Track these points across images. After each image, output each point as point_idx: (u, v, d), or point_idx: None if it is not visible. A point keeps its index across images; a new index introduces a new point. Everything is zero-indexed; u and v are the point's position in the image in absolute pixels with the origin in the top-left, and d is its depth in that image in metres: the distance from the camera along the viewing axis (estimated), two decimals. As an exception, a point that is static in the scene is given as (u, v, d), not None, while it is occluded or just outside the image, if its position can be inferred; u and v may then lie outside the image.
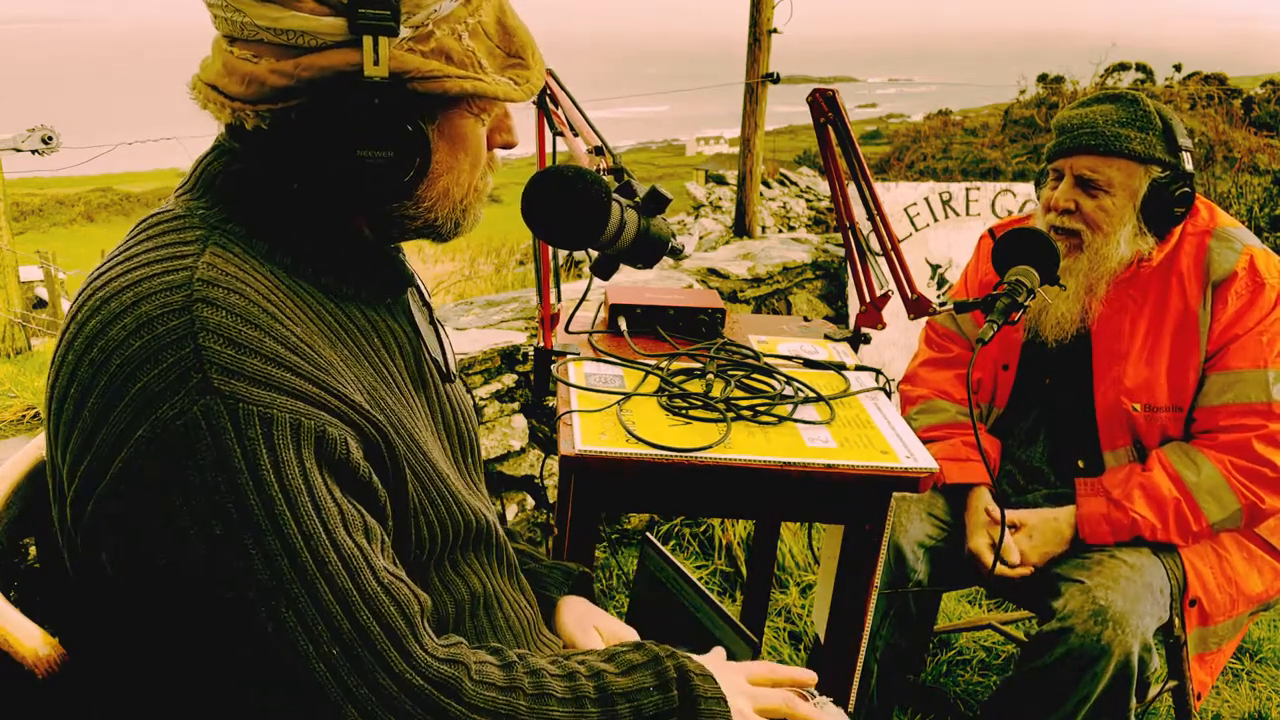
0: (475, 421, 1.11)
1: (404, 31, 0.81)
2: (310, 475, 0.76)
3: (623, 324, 1.72)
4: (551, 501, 2.67)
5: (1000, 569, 1.77)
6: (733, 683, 0.98)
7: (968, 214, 3.83)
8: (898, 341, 3.60)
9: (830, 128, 1.64)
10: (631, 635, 1.16)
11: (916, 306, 1.61)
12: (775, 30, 3.90)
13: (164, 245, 0.81)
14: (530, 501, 2.64)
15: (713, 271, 3.52)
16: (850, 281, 3.25)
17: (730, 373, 1.55)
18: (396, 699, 0.77)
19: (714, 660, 1.03)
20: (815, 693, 1.24)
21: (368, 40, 0.78)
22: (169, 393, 0.72)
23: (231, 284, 0.79)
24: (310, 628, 0.74)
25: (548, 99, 1.50)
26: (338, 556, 0.76)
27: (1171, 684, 1.84)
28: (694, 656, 0.96)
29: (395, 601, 0.79)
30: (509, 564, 1.09)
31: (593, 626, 1.16)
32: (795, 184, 8.39)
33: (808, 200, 8.09)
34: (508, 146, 0.98)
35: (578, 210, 1.14)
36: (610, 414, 1.39)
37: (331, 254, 0.89)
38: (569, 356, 1.60)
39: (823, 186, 8.27)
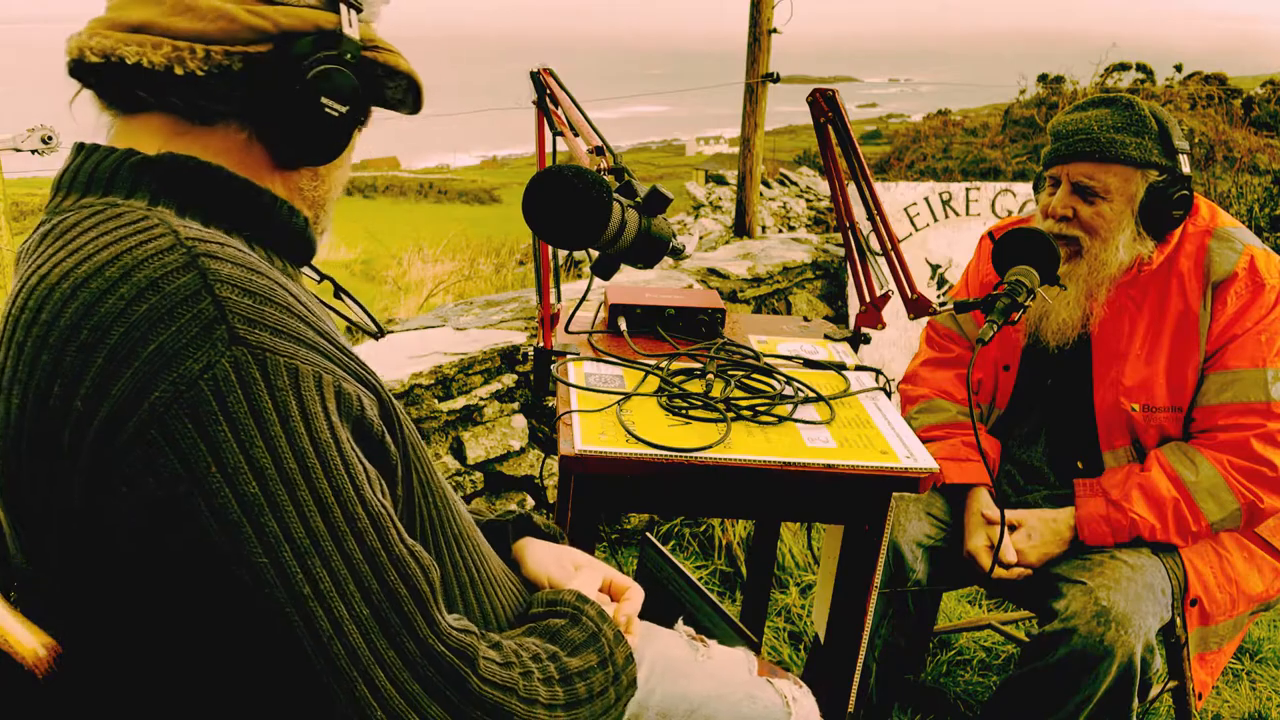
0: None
1: (367, 14, 0.92)
2: (336, 429, 0.75)
3: (623, 324, 1.72)
4: (551, 501, 2.67)
5: (998, 571, 1.77)
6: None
7: (968, 214, 3.83)
8: (897, 341, 3.60)
9: (830, 128, 1.64)
10: (585, 558, 1.17)
11: (916, 306, 1.61)
12: (775, 30, 3.90)
13: (113, 229, 0.76)
14: (530, 501, 2.64)
15: (713, 271, 3.52)
16: (850, 281, 3.25)
17: (730, 373, 1.55)
18: (421, 665, 0.76)
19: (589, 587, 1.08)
20: (802, 683, 1.25)
21: (344, 9, 0.88)
22: (192, 347, 0.69)
23: (219, 238, 0.77)
24: (343, 587, 0.72)
25: (548, 99, 1.50)
26: (366, 514, 0.75)
27: (1172, 684, 1.84)
28: (593, 602, 1.02)
29: (420, 565, 0.78)
30: (479, 539, 1.08)
31: (569, 563, 1.16)
32: (795, 184, 8.39)
33: (808, 200, 8.09)
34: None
35: (578, 210, 1.14)
36: (610, 414, 1.39)
37: (259, 221, 0.89)
38: (569, 356, 1.60)
39: (823, 186, 8.27)
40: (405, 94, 0.98)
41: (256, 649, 0.74)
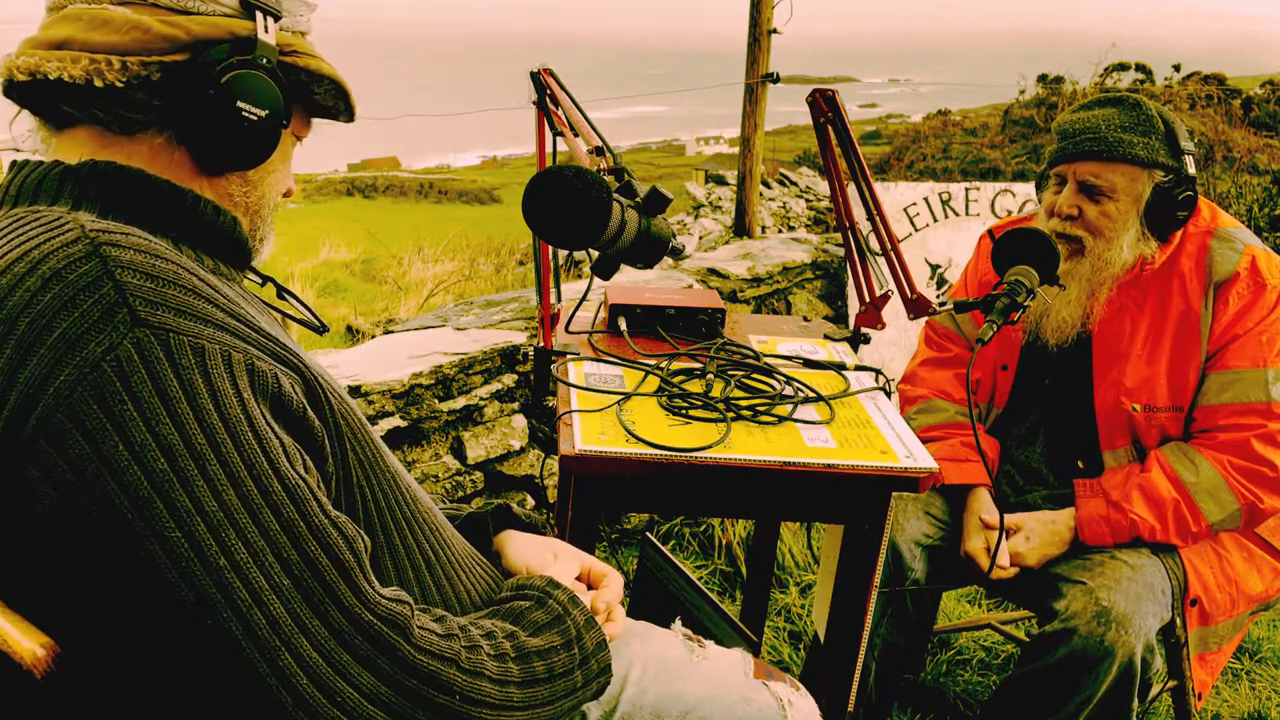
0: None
1: (285, 21, 0.94)
2: (248, 406, 0.76)
3: (623, 324, 1.72)
4: (551, 501, 2.67)
5: (996, 572, 1.77)
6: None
7: (967, 214, 3.83)
8: (897, 341, 3.60)
9: (830, 128, 1.65)
10: (565, 548, 1.17)
11: (916, 306, 1.61)
12: (775, 30, 3.90)
13: (26, 229, 0.79)
14: (530, 501, 2.64)
15: (713, 271, 3.52)
16: (850, 281, 3.25)
17: (730, 373, 1.55)
18: (348, 634, 0.76)
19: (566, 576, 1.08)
20: (799, 685, 1.25)
21: (260, 16, 0.90)
22: (94, 331, 0.71)
23: (124, 229, 0.79)
24: (260, 559, 0.73)
25: (548, 99, 1.50)
26: (282, 487, 0.76)
27: (1171, 684, 1.84)
28: (569, 589, 1.01)
29: (344, 536, 0.79)
30: (441, 524, 1.08)
31: (548, 552, 1.16)
32: (795, 184, 8.39)
33: (807, 200, 8.09)
34: (287, 194, 1.04)
35: (578, 210, 1.14)
36: (610, 414, 1.40)
37: (184, 220, 0.90)
38: (569, 356, 1.60)
39: (822, 186, 8.28)
40: (335, 99, 1.00)
41: (185, 630, 0.74)
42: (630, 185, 1.24)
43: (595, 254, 1.28)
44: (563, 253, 4.54)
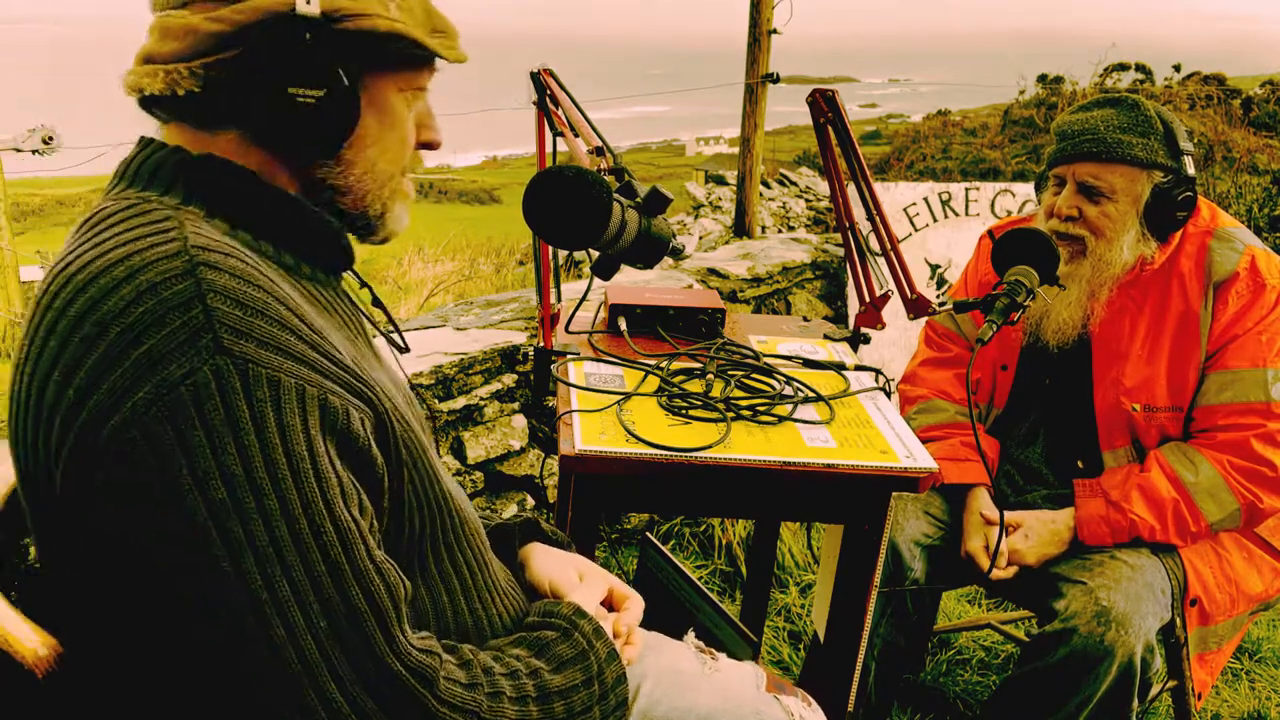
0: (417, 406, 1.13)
1: None
2: (314, 443, 0.76)
3: (623, 324, 1.72)
4: (551, 501, 2.67)
5: (996, 572, 1.77)
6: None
7: (967, 214, 3.83)
8: (897, 341, 3.60)
9: (830, 128, 1.65)
10: (590, 567, 1.17)
11: (916, 306, 1.61)
12: (775, 30, 3.90)
13: (135, 226, 0.80)
14: (530, 501, 2.64)
15: (713, 271, 3.52)
16: (850, 281, 3.25)
17: (730, 373, 1.55)
18: (376, 681, 0.77)
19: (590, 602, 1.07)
20: (811, 700, 1.24)
21: None
22: (177, 353, 0.72)
23: (225, 249, 0.79)
24: (301, 597, 0.74)
25: (548, 99, 1.50)
26: (334, 527, 0.76)
27: (1171, 684, 1.84)
28: (595, 619, 1.01)
29: (386, 583, 0.79)
30: (483, 544, 1.08)
31: (574, 570, 1.15)
32: (795, 184, 8.39)
33: (807, 200, 8.09)
34: (431, 146, 0.99)
35: (579, 210, 1.14)
36: (610, 414, 1.40)
37: (283, 227, 0.90)
38: (569, 356, 1.60)
39: (822, 186, 8.27)
40: (413, 48, 0.90)
41: (213, 657, 0.74)
42: (630, 185, 1.24)
43: (595, 254, 1.28)
44: (563, 253, 4.54)
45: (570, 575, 1.14)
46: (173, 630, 0.75)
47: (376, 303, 1.09)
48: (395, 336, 1.11)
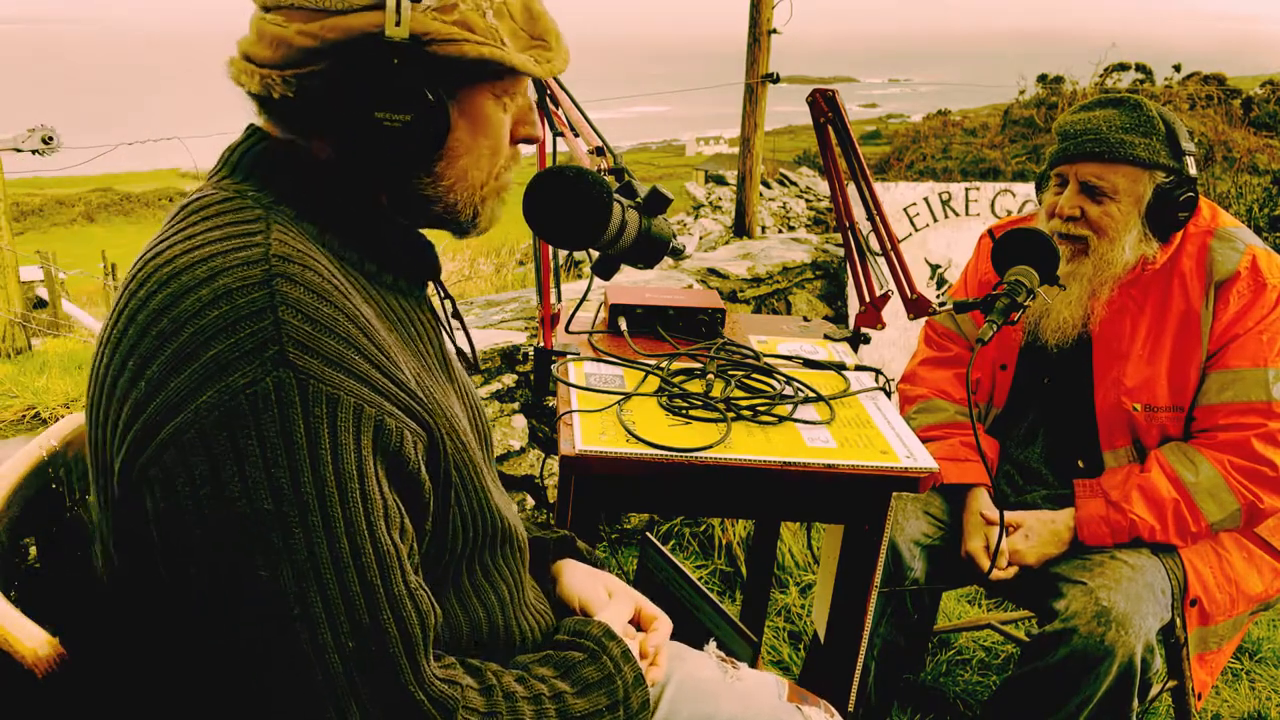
0: (487, 416, 1.12)
1: (429, 0, 0.83)
2: (364, 464, 0.76)
3: (623, 324, 1.72)
4: (551, 501, 2.67)
5: (996, 572, 1.77)
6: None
7: (967, 214, 3.83)
8: (897, 341, 3.60)
9: (830, 128, 1.65)
10: (620, 586, 1.17)
11: (916, 306, 1.61)
12: (775, 30, 3.90)
13: (226, 224, 0.81)
14: (530, 501, 2.64)
15: (713, 271, 3.52)
16: (850, 281, 3.25)
17: (730, 373, 1.55)
18: (396, 709, 0.77)
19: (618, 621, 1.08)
20: (834, 710, 1.24)
21: (391, 2, 0.80)
22: (243, 361, 0.72)
23: (305, 260, 0.79)
24: (333, 616, 0.74)
25: (548, 99, 1.50)
26: (374, 550, 0.76)
27: (1171, 684, 1.84)
28: (623, 641, 1.01)
29: (418, 610, 0.79)
30: (524, 561, 1.09)
31: (604, 588, 1.15)
32: (795, 184, 8.40)
33: (807, 200, 8.09)
34: (530, 141, 0.98)
35: (579, 210, 1.14)
36: (610, 414, 1.40)
37: (370, 236, 0.90)
38: (569, 356, 1.60)
39: (822, 186, 8.28)
40: (502, 70, 0.88)
41: (236, 667, 0.74)
42: (630, 185, 1.24)
43: (595, 254, 1.28)
44: (563, 253, 4.54)
45: (600, 593, 1.14)
46: (197, 637, 0.75)
47: (455, 314, 1.08)
48: (467, 352, 1.09)
